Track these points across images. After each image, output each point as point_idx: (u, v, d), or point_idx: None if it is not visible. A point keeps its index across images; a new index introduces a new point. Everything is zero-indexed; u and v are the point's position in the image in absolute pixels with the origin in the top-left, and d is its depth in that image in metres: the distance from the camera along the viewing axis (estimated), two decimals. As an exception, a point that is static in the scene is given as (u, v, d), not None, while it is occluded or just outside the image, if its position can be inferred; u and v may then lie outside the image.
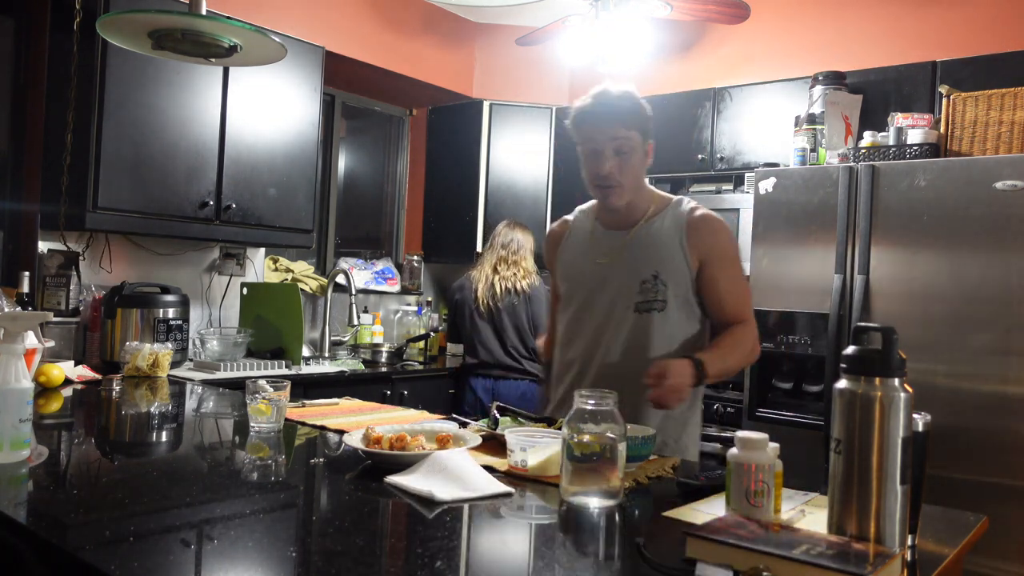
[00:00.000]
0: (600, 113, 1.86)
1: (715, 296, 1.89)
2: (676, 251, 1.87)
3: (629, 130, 1.85)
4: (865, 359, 1.10)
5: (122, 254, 3.35)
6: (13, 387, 1.44)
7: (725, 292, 1.88)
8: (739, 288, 1.92)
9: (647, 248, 1.89)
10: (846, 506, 1.10)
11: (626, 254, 1.91)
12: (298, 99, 3.52)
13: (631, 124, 1.86)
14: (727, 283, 1.88)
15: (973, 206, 2.65)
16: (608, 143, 1.85)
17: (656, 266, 1.87)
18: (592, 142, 1.87)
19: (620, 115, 1.85)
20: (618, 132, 1.85)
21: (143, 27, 1.90)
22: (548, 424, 1.77)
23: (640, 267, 1.88)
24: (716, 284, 1.88)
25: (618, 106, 1.86)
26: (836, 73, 3.33)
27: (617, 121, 1.85)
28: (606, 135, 1.85)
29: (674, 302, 1.87)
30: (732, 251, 1.93)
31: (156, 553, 1.06)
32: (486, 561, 1.12)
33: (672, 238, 1.88)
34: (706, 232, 1.88)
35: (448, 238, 4.63)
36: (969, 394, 2.64)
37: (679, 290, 1.87)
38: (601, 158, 1.86)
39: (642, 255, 1.89)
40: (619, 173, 1.86)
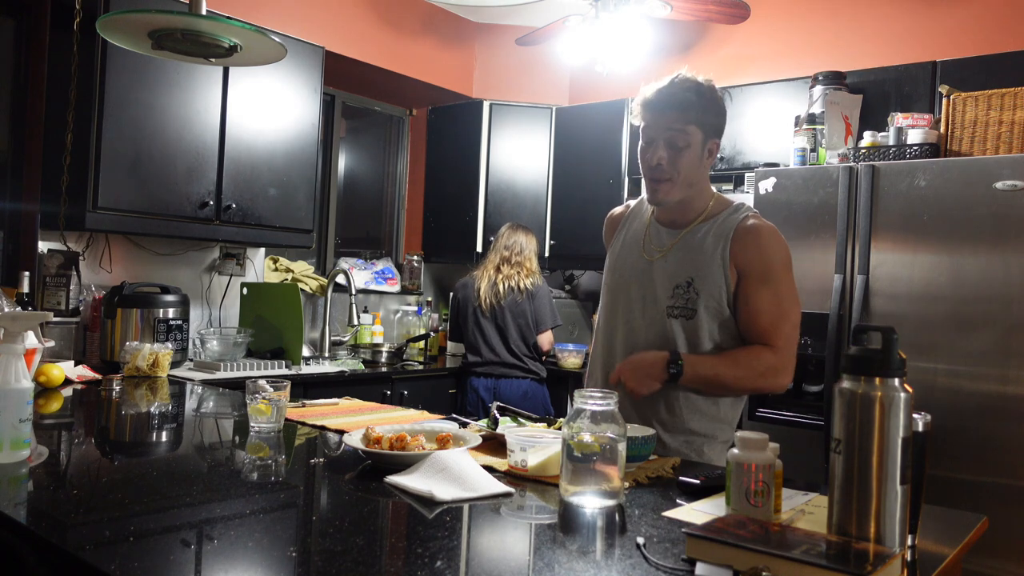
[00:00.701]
0: (661, 101, 1.77)
1: (746, 312, 1.76)
2: (715, 260, 1.77)
3: (687, 124, 1.75)
4: (865, 359, 1.10)
5: (122, 254, 3.35)
6: (13, 387, 1.44)
7: (757, 310, 1.74)
8: (776, 309, 1.75)
9: (689, 252, 1.80)
10: (846, 506, 1.10)
11: (670, 255, 1.83)
12: (298, 99, 3.52)
13: (690, 118, 1.75)
14: (763, 301, 1.74)
15: (973, 206, 2.65)
16: (662, 133, 1.76)
17: (692, 273, 1.78)
18: (648, 130, 1.79)
19: (680, 106, 1.75)
20: (674, 123, 1.75)
21: (143, 27, 1.90)
22: (548, 424, 1.77)
23: (678, 271, 1.80)
24: (749, 300, 1.75)
25: (681, 97, 1.75)
26: (836, 73, 3.33)
27: (675, 112, 1.75)
28: (662, 125, 1.76)
29: (705, 312, 1.77)
30: (777, 267, 1.76)
31: (156, 553, 1.06)
32: (486, 561, 1.12)
33: (714, 246, 1.78)
34: (751, 243, 1.76)
35: (448, 238, 4.63)
36: (969, 394, 2.64)
37: (711, 301, 1.76)
38: (654, 148, 1.77)
39: (682, 259, 1.80)
40: (669, 166, 1.76)
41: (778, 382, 1.76)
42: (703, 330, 1.77)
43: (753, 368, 1.74)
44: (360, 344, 4.05)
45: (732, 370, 1.74)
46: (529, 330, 3.65)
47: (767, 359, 1.74)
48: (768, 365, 1.74)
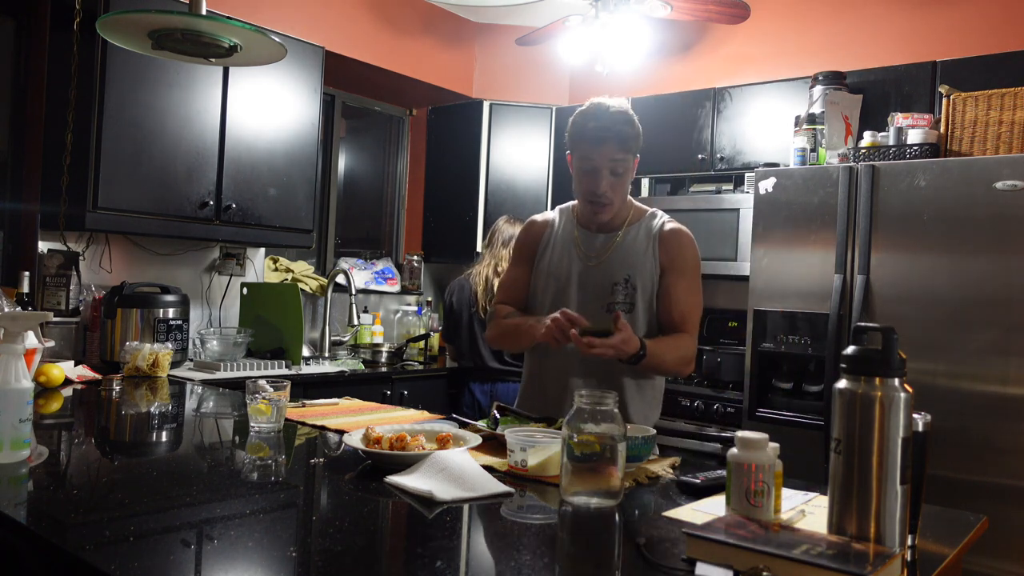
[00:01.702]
0: (600, 134, 1.92)
1: (666, 300, 1.98)
2: (648, 258, 1.99)
3: (626, 153, 1.94)
4: (865, 359, 1.10)
5: (122, 254, 3.35)
6: (13, 387, 1.44)
7: (676, 299, 1.97)
8: (690, 300, 2.00)
9: (623, 254, 2.01)
10: (846, 506, 1.10)
11: (606, 259, 2.02)
12: (298, 99, 3.52)
13: (628, 147, 1.94)
14: (680, 292, 1.98)
15: (973, 206, 2.65)
16: (606, 164, 1.93)
17: (629, 270, 1.98)
18: (590, 161, 1.94)
19: (620, 138, 1.92)
20: (616, 155, 1.93)
21: (143, 27, 1.90)
22: (548, 424, 1.77)
23: (615, 270, 1.99)
24: (670, 290, 1.98)
25: (618, 129, 1.92)
26: (836, 73, 3.33)
27: (617, 144, 1.92)
28: (605, 156, 1.92)
29: (641, 305, 1.98)
30: (693, 266, 2.02)
31: (156, 553, 1.06)
32: (486, 561, 1.12)
33: (645, 246, 2.00)
34: (674, 243, 2.00)
35: (448, 238, 4.63)
36: (969, 394, 2.64)
37: (646, 295, 1.98)
38: (598, 177, 1.94)
39: (618, 259, 2.00)
40: (612, 192, 1.96)
41: (690, 369, 2.00)
42: (640, 321, 1.97)
43: (683, 354, 1.96)
44: (360, 344, 4.05)
45: (672, 356, 1.93)
46: None
47: (690, 348, 1.98)
48: (691, 353, 1.98)
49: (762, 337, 3.10)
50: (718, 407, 3.33)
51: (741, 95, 3.71)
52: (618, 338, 1.75)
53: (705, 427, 3.33)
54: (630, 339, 1.78)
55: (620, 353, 1.79)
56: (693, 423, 3.36)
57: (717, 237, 3.53)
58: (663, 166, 3.85)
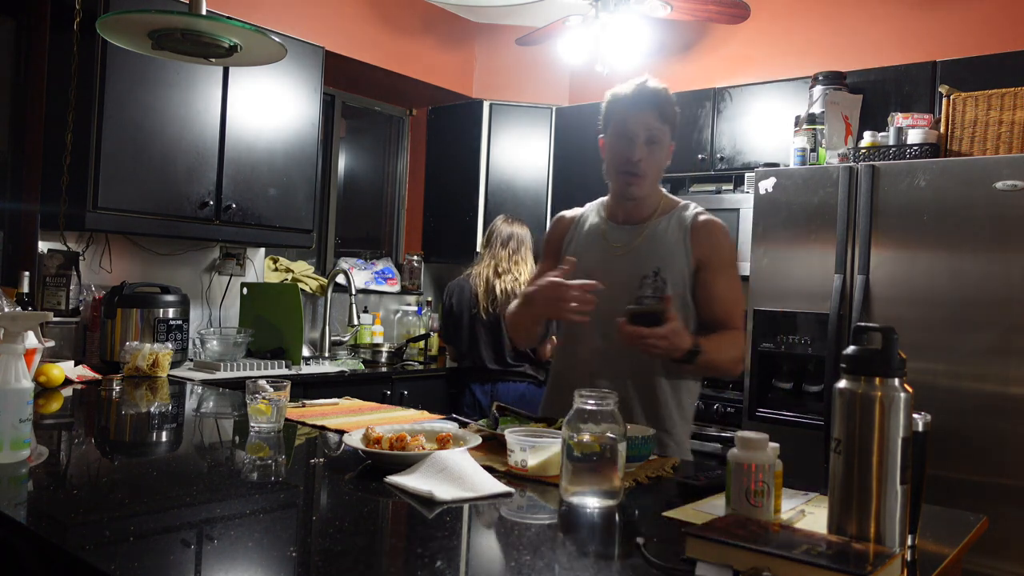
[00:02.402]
0: (639, 100, 1.89)
1: (707, 297, 1.89)
2: (679, 250, 1.90)
3: (663, 123, 1.89)
4: (865, 359, 1.10)
5: (122, 254, 3.35)
6: (13, 387, 1.44)
7: (718, 296, 1.89)
8: (733, 295, 1.92)
9: (653, 244, 1.92)
10: (846, 506, 1.10)
11: (633, 249, 1.93)
12: (298, 99, 3.52)
13: (666, 118, 1.90)
14: (721, 288, 1.90)
15: (973, 206, 2.65)
16: (642, 131, 1.88)
17: (658, 263, 1.89)
18: (625, 126, 1.89)
19: (658, 105, 1.89)
20: (653, 122, 1.88)
21: (143, 27, 1.90)
22: (548, 424, 1.77)
23: (644, 263, 1.89)
24: (710, 286, 1.89)
25: (657, 97, 1.89)
26: (836, 73, 3.33)
27: (654, 111, 1.88)
28: (641, 122, 1.88)
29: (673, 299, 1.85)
30: (731, 258, 1.95)
31: (156, 553, 1.06)
32: (486, 561, 1.12)
33: (677, 238, 1.91)
34: (708, 235, 1.91)
35: (448, 238, 4.63)
36: (969, 394, 2.64)
37: (677, 288, 1.87)
38: (633, 144, 1.88)
39: (647, 251, 1.91)
40: (646, 162, 1.89)
41: (740, 368, 1.93)
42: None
43: (735, 352, 1.88)
44: (360, 344, 4.05)
45: (726, 355, 1.84)
46: None
47: (739, 344, 1.91)
48: (740, 350, 1.91)
49: (762, 337, 3.09)
50: (718, 407, 3.33)
51: (741, 95, 3.71)
52: (670, 327, 1.64)
53: (705, 427, 3.33)
54: (681, 331, 1.68)
55: (672, 346, 1.67)
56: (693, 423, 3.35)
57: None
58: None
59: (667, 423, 1.88)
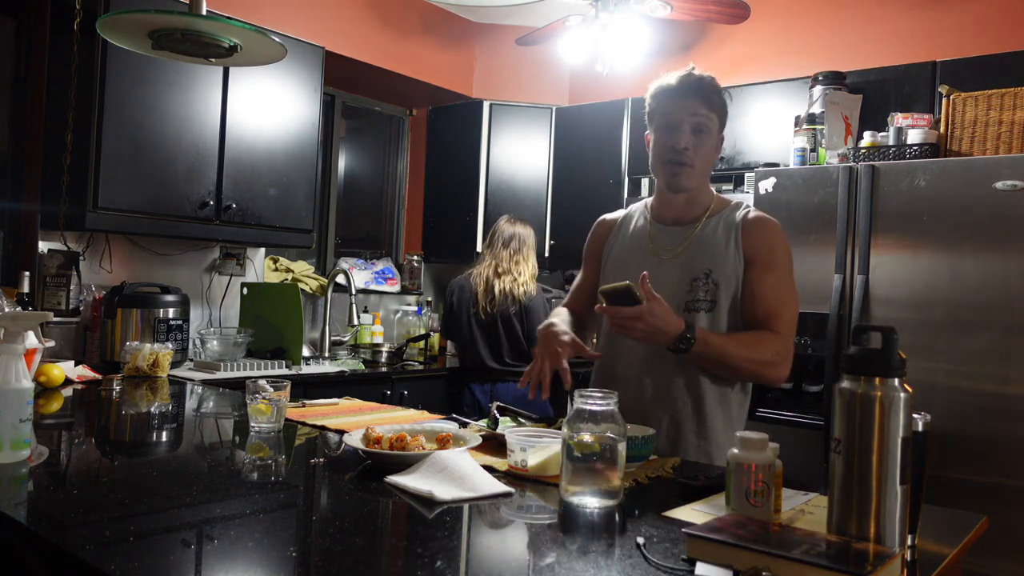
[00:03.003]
0: (685, 87, 1.81)
1: (750, 296, 1.78)
2: (730, 251, 1.80)
3: (711, 111, 1.81)
4: (865, 359, 1.10)
5: (122, 254, 3.35)
6: (13, 387, 1.44)
7: (761, 295, 1.77)
8: (778, 295, 1.77)
9: (703, 246, 1.82)
10: (846, 506, 1.10)
11: (682, 251, 1.84)
12: (298, 99, 3.52)
13: (713, 106, 1.81)
14: (766, 287, 1.77)
15: (973, 206, 2.65)
16: (688, 118, 1.79)
17: (709, 264, 1.80)
18: (671, 115, 1.81)
19: (705, 93, 1.81)
20: (699, 109, 1.80)
21: (143, 27, 1.90)
22: (548, 424, 1.77)
23: (694, 265, 1.81)
24: (754, 284, 1.78)
25: (704, 85, 1.81)
26: (836, 73, 3.33)
27: (701, 98, 1.80)
28: (687, 110, 1.79)
29: (724, 303, 1.79)
30: (782, 258, 1.81)
31: (156, 553, 1.06)
32: (486, 561, 1.12)
33: (726, 237, 1.81)
34: (758, 232, 1.81)
35: (448, 238, 4.63)
36: (969, 394, 2.64)
37: (730, 291, 1.79)
38: (679, 132, 1.79)
39: (698, 253, 1.82)
40: (693, 151, 1.80)
41: (779, 372, 1.76)
42: (722, 321, 1.78)
43: (761, 352, 1.74)
44: (360, 344, 4.05)
45: (741, 351, 1.73)
46: (520, 341, 3.59)
47: (774, 345, 1.74)
48: (775, 351, 1.74)
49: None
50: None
51: (741, 95, 3.71)
52: (641, 307, 1.55)
53: (705, 427, 3.32)
54: (660, 313, 1.59)
55: (651, 328, 1.58)
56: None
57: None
58: (663, 166, 3.84)
59: (712, 433, 1.79)
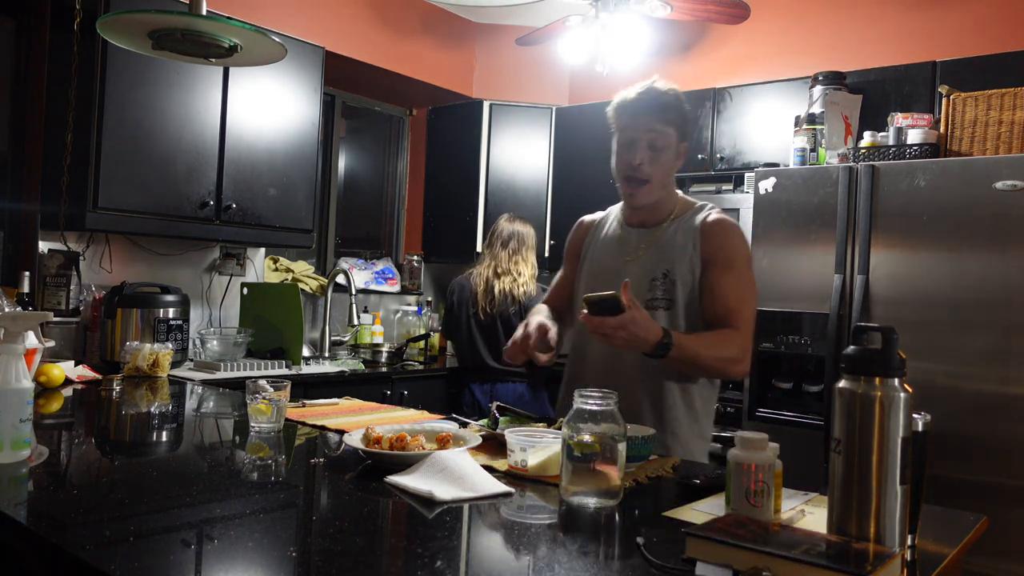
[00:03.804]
0: (640, 104, 1.85)
1: (709, 295, 1.83)
2: (689, 252, 1.85)
3: (666, 126, 1.84)
4: (865, 359, 1.10)
5: (122, 254, 3.35)
6: (13, 387, 1.44)
7: (720, 293, 1.82)
8: (738, 294, 1.83)
9: (663, 248, 1.89)
10: (846, 506, 1.10)
11: (645, 252, 1.91)
12: (298, 99, 3.52)
13: (669, 120, 1.85)
14: (725, 285, 1.82)
15: (973, 206, 2.65)
16: (644, 135, 1.84)
17: (667, 265, 1.86)
18: (628, 131, 1.86)
19: (660, 109, 1.84)
20: (655, 125, 1.84)
21: (143, 27, 1.90)
22: (548, 424, 1.77)
23: (653, 265, 1.87)
24: (714, 283, 1.83)
25: (659, 100, 1.85)
26: (836, 73, 3.33)
27: (656, 114, 1.84)
28: (643, 126, 1.84)
29: (681, 301, 1.84)
30: (740, 257, 1.86)
31: (156, 553, 1.06)
32: (486, 561, 1.12)
33: (685, 239, 1.87)
34: (717, 234, 1.86)
35: (448, 238, 4.63)
36: (969, 394, 2.64)
37: (686, 289, 1.84)
38: (634, 149, 1.85)
39: (657, 254, 1.88)
40: (649, 166, 1.85)
41: (742, 368, 1.82)
42: (680, 319, 1.85)
43: (727, 351, 1.79)
44: (360, 344, 4.05)
45: (711, 351, 1.77)
46: None
47: (737, 342, 1.80)
48: (739, 347, 1.80)
49: (762, 337, 3.09)
50: (718, 407, 3.31)
51: (741, 95, 3.71)
52: (624, 317, 1.59)
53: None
54: (642, 321, 1.62)
55: (633, 337, 1.61)
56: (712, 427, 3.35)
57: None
58: (663, 166, 3.84)
59: (673, 424, 1.85)
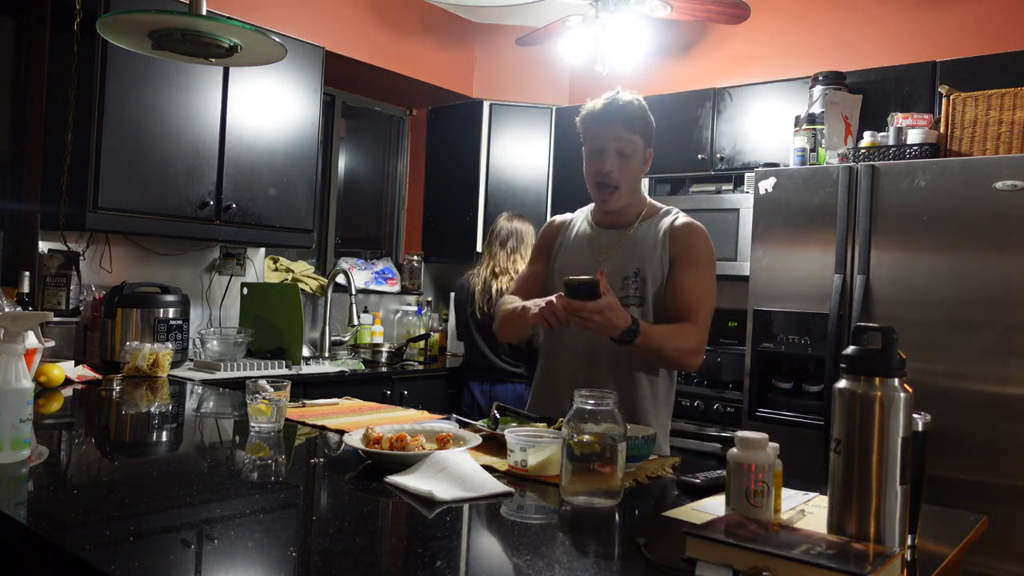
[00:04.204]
0: (608, 113, 1.96)
1: (671, 291, 1.94)
2: (658, 252, 1.97)
3: (633, 134, 1.96)
4: (865, 359, 1.10)
5: (122, 254, 3.35)
6: (13, 387, 1.44)
7: (681, 290, 1.93)
8: (698, 292, 1.94)
9: (634, 248, 1.99)
10: (846, 506, 1.10)
11: (616, 253, 2.01)
12: (298, 99, 3.52)
13: (636, 128, 1.96)
14: (687, 283, 1.93)
15: (973, 206, 2.65)
16: (612, 143, 1.95)
17: (638, 264, 1.97)
18: (597, 140, 1.97)
19: (626, 118, 1.95)
20: (622, 133, 1.95)
21: (143, 27, 1.90)
22: (548, 424, 1.77)
23: (626, 264, 1.97)
24: (676, 280, 1.94)
25: (625, 110, 1.96)
26: (836, 73, 3.33)
27: (623, 123, 1.95)
28: (611, 134, 1.95)
29: (651, 299, 1.95)
30: (703, 257, 1.97)
31: (156, 553, 1.06)
32: (486, 561, 1.12)
33: (656, 240, 1.98)
34: (684, 235, 1.97)
35: (448, 238, 4.63)
36: (969, 394, 2.64)
37: (654, 287, 1.96)
38: (604, 156, 1.95)
39: (629, 253, 1.99)
40: (618, 173, 1.95)
41: (697, 360, 1.92)
42: (650, 314, 1.95)
43: (686, 341, 1.89)
44: (360, 344, 4.05)
45: (671, 342, 1.87)
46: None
47: (695, 337, 1.91)
48: (697, 341, 1.91)
49: (762, 337, 3.10)
50: (718, 407, 3.32)
51: (741, 95, 3.71)
52: (603, 302, 1.69)
53: (705, 427, 3.33)
54: (616, 308, 1.72)
55: (607, 322, 1.71)
56: (693, 423, 3.36)
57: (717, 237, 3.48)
58: (663, 166, 3.84)
59: (643, 416, 1.93)
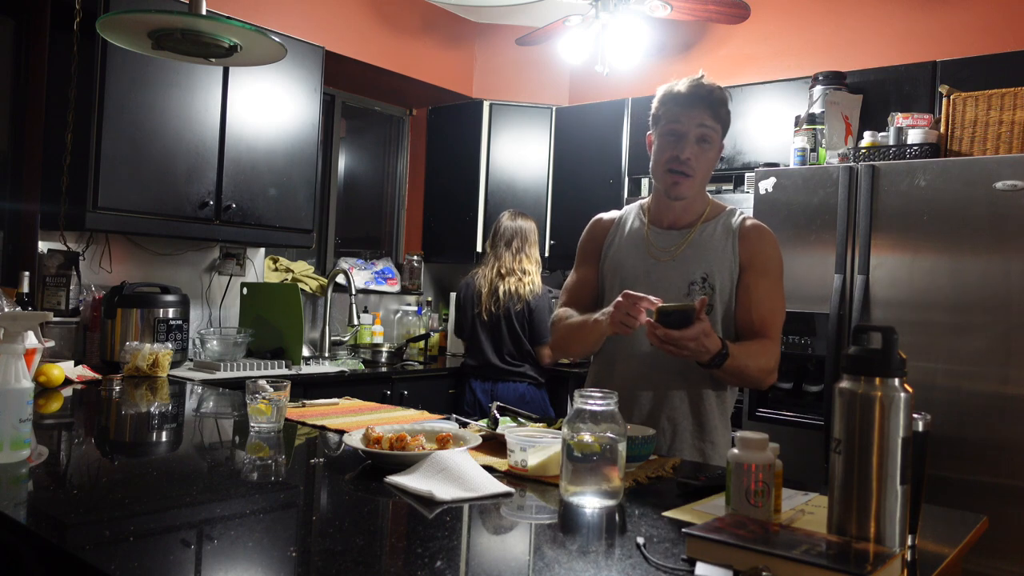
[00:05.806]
0: (693, 97, 1.82)
1: (745, 301, 1.81)
2: (727, 255, 1.84)
3: (716, 122, 1.83)
4: (865, 359, 1.10)
5: (122, 254, 3.35)
6: (13, 387, 1.44)
7: (756, 300, 1.80)
8: (772, 302, 1.82)
9: (700, 250, 1.85)
10: (846, 506, 1.10)
11: (679, 254, 1.87)
12: (298, 99, 3.52)
13: (719, 117, 1.84)
14: (761, 293, 1.81)
15: (973, 206, 2.65)
16: (694, 128, 1.81)
17: (706, 268, 1.83)
18: (678, 123, 1.82)
19: (712, 104, 1.82)
20: (706, 120, 1.81)
21: (143, 27, 1.90)
22: (548, 424, 1.77)
23: (692, 268, 1.84)
24: (750, 290, 1.81)
25: (712, 95, 1.83)
26: (836, 73, 3.33)
27: (709, 109, 1.82)
28: (694, 120, 1.81)
29: (719, 307, 1.82)
30: (776, 265, 1.86)
31: (156, 553, 1.06)
32: (486, 561, 1.12)
33: (724, 242, 1.85)
34: (756, 239, 1.85)
35: (448, 238, 4.63)
36: (969, 394, 2.64)
37: (724, 295, 1.82)
38: (684, 141, 1.81)
39: (694, 256, 1.85)
40: (696, 161, 1.82)
41: (773, 379, 1.82)
42: (718, 324, 1.82)
43: (768, 360, 1.78)
44: (360, 344, 4.05)
45: (755, 363, 1.75)
46: (522, 340, 3.58)
47: (775, 354, 1.80)
48: (775, 358, 1.80)
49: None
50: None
51: (741, 95, 3.71)
52: (698, 328, 1.56)
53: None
54: (711, 333, 1.60)
55: (700, 349, 1.59)
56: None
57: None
58: (663, 166, 3.84)
59: (713, 434, 1.83)
